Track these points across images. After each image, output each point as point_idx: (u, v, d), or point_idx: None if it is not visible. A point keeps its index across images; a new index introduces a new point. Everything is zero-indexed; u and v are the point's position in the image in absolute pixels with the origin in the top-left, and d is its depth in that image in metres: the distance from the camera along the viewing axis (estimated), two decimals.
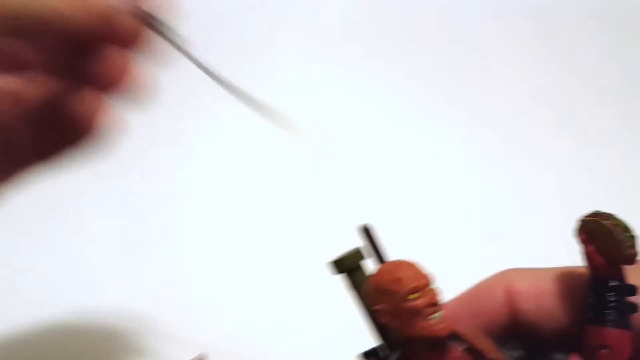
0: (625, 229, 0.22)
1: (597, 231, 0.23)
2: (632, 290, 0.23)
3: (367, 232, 0.28)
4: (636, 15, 0.78)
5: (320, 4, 0.76)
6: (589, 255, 0.23)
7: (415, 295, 0.23)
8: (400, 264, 0.24)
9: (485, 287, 0.31)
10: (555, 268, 0.28)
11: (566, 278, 0.27)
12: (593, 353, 0.23)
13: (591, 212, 0.24)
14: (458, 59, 0.74)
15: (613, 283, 0.23)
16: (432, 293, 0.23)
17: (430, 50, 0.74)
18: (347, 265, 0.27)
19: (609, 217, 0.23)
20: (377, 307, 0.24)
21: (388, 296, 0.23)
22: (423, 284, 0.23)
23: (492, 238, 0.54)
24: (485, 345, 0.24)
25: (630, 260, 0.22)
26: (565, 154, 0.63)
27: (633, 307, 0.23)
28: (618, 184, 0.61)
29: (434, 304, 0.23)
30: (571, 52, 0.76)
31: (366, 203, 0.54)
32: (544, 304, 0.28)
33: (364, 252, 0.27)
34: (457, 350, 0.24)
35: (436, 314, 0.23)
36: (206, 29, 0.71)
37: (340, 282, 0.27)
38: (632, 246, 0.22)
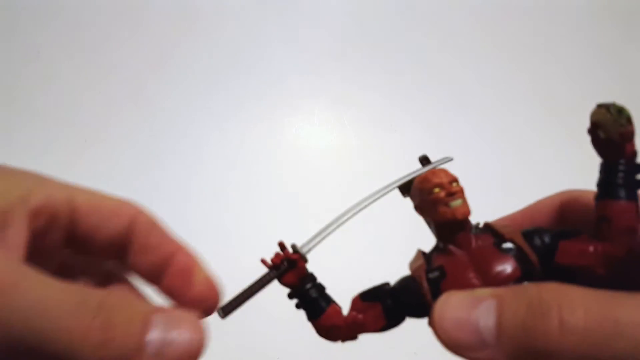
0: (619, 110, 0.25)
1: (600, 119, 0.26)
2: (639, 167, 0.25)
3: (424, 160, 0.34)
4: (632, 16, 0.68)
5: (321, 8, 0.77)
6: (593, 142, 0.26)
7: (438, 189, 0.28)
8: (430, 171, 0.30)
9: (544, 202, 0.34)
10: None
11: None
12: (597, 226, 0.25)
13: (596, 104, 0.26)
14: (455, 60, 0.71)
15: (621, 163, 0.25)
16: (452, 187, 0.28)
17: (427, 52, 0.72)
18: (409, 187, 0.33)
19: (607, 104, 0.25)
20: (415, 203, 0.30)
21: (419, 193, 0.29)
22: (444, 181, 0.28)
23: None
24: (509, 231, 0.28)
25: (625, 137, 0.25)
26: (562, 155, 0.57)
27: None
28: None
29: (453, 194, 0.28)
30: (567, 51, 0.69)
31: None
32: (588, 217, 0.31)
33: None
34: (487, 236, 0.28)
35: (455, 202, 0.28)
36: (210, 30, 0.75)
37: None
38: (624, 125, 0.24)
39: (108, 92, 0.75)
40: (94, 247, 0.29)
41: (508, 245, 0.27)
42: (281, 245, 0.30)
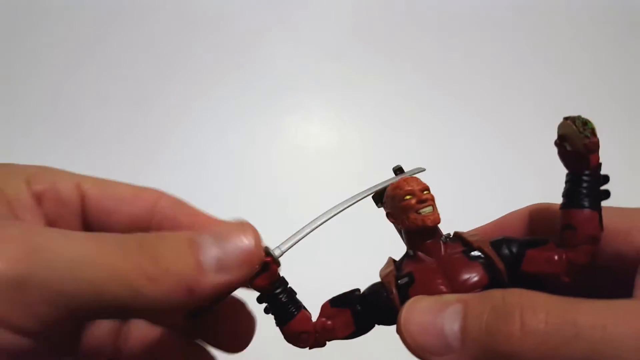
0: (584, 122, 0.26)
1: (566, 131, 0.26)
2: (604, 178, 0.26)
3: (398, 170, 0.34)
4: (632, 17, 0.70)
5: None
6: (560, 153, 0.27)
7: (409, 196, 0.29)
8: (403, 179, 0.30)
9: (513, 214, 0.35)
10: None
11: None
12: (562, 234, 0.26)
13: (563, 117, 0.27)
14: (455, 62, 0.72)
15: (586, 174, 0.26)
16: (423, 194, 0.28)
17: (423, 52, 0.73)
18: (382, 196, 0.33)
19: (573, 117, 0.26)
20: (386, 211, 0.30)
21: (391, 200, 0.30)
22: (415, 189, 0.29)
23: None
24: (477, 239, 0.28)
25: (589, 148, 0.25)
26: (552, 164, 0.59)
27: (606, 193, 0.26)
28: (621, 185, 0.61)
29: (424, 201, 0.28)
30: (568, 52, 0.71)
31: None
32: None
33: None
34: (456, 244, 0.29)
35: (426, 209, 0.28)
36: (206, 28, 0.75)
37: None
38: (589, 137, 0.25)
39: (108, 93, 0.74)
40: (112, 231, 0.28)
41: (476, 253, 0.27)
42: None
